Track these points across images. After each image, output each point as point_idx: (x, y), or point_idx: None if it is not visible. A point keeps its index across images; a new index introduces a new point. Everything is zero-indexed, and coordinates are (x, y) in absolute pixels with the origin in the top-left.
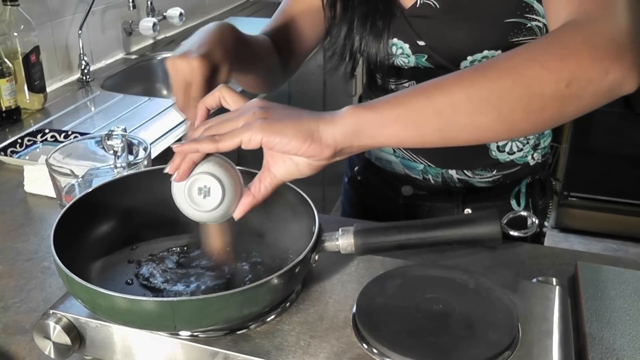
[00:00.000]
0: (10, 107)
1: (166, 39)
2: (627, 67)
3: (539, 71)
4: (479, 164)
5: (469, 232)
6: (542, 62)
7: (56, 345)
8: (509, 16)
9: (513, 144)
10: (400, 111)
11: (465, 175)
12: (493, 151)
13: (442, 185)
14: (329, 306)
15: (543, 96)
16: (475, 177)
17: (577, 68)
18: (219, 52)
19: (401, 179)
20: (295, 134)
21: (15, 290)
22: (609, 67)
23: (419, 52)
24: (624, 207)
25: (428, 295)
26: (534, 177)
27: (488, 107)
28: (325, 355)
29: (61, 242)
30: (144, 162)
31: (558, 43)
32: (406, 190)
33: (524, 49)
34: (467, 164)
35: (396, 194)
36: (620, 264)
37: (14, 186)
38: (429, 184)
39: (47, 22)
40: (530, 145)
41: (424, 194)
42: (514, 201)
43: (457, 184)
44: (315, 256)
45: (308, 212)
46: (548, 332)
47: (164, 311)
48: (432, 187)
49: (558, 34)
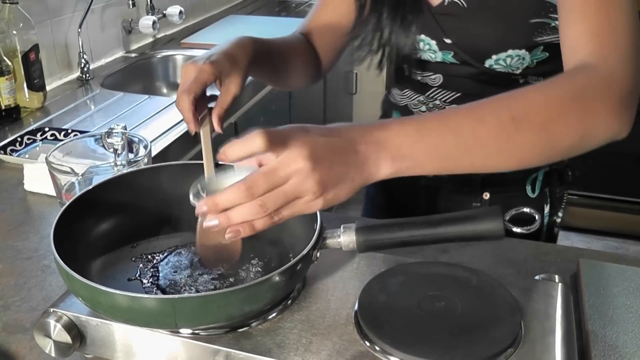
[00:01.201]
0: (10, 106)
1: (166, 37)
2: (626, 122)
3: (563, 129)
4: None
5: (471, 229)
6: (567, 120)
7: (57, 344)
8: (533, 16)
9: None
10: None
11: None
12: None
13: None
14: (330, 303)
15: (559, 149)
16: None
17: (592, 126)
18: (229, 63)
19: None
20: (347, 196)
21: (16, 288)
22: (613, 124)
23: (446, 49)
24: (625, 205)
25: (430, 292)
26: (551, 167)
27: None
28: (327, 353)
29: (61, 240)
30: (144, 159)
31: (582, 96)
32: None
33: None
34: None
35: (418, 179)
36: (623, 262)
37: (13, 185)
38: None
39: (46, 20)
40: None
41: (444, 177)
42: (529, 187)
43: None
44: (317, 253)
45: None
46: (551, 330)
47: (164, 309)
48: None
49: (581, 83)
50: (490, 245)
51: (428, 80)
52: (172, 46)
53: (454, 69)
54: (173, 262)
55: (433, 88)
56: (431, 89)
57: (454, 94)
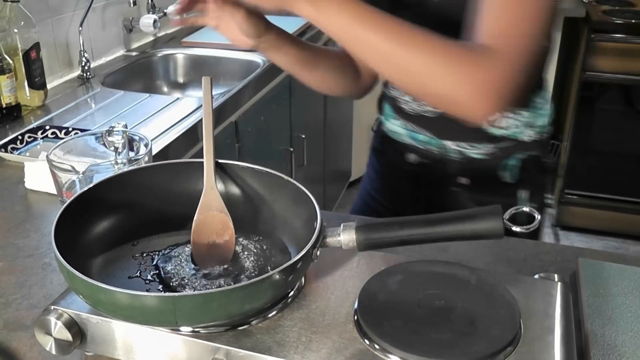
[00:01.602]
0: (11, 104)
1: (167, 35)
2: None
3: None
4: (474, 137)
5: (471, 227)
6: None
7: (57, 341)
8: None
9: (506, 120)
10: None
11: (462, 147)
12: (487, 127)
13: (442, 155)
14: (330, 302)
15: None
16: (471, 149)
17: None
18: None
19: (409, 148)
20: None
21: (16, 286)
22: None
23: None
24: (625, 205)
25: (430, 291)
26: (530, 154)
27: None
28: (326, 351)
29: (62, 237)
30: (145, 158)
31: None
32: (411, 158)
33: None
34: (461, 136)
35: (404, 162)
36: (622, 261)
37: (14, 183)
38: (431, 153)
39: (47, 18)
40: (523, 124)
41: (427, 162)
42: (507, 174)
43: (455, 155)
44: (317, 252)
45: (310, 207)
46: (550, 329)
47: (165, 306)
48: (434, 156)
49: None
50: (489, 244)
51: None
52: (172, 45)
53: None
54: (174, 260)
55: None
56: None
57: None
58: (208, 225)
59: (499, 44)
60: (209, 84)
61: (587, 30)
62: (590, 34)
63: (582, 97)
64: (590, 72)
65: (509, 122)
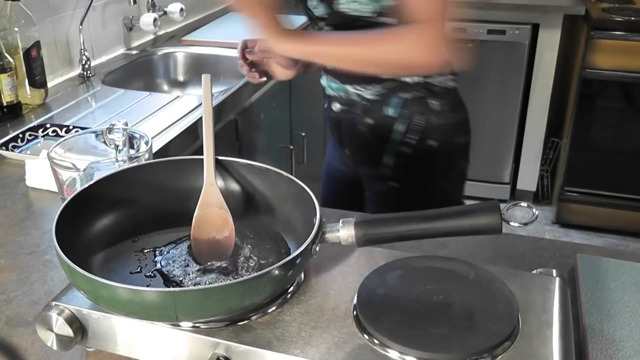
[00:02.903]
0: (12, 102)
1: (167, 34)
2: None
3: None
4: (366, 80)
5: (469, 223)
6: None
7: (58, 337)
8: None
9: None
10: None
11: (359, 90)
12: None
13: (349, 100)
14: (330, 297)
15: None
16: (364, 90)
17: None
18: None
19: (332, 98)
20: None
21: (18, 283)
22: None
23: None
24: (625, 202)
25: (429, 286)
26: (414, 94)
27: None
28: (326, 346)
29: (63, 234)
30: (145, 155)
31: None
32: (335, 107)
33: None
34: (355, 80)
35: (331, 111)
36: (620, 257)
37: (15, 180)
38: (343, 99)
39: (47, 17)
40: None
41: (345, 108)
42: (391, 110)
43: (356, 98)
44: (316, 247)
45: (309, 203)
46: (548, 323)
47: (165, 302)
48: (345, 101)
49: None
50: (488, 239)
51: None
52: (172, 43)
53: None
54: (174, 256)
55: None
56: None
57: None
58: (208, 222)
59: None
60: (209, 82)
61: (586, 27)
62: (590, 31)
63: (582, 95)
64: (589, 69)
65: None
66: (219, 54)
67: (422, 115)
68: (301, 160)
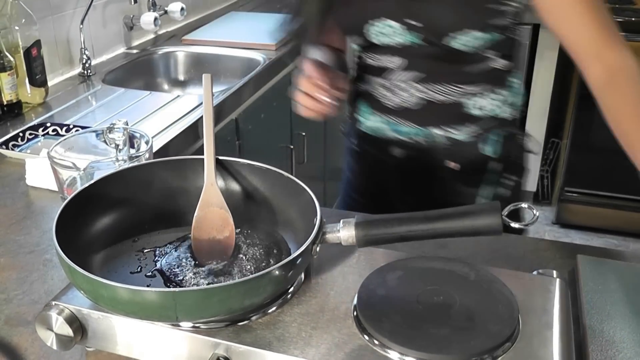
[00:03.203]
0: (12, 101)
1: (167, 33)
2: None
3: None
4: (461, 121)
5: (470, 224)
6: None
7: (58, 337)
8: (489, 2)
9: (488, 101)
10: None
11: (449, 132)
12: (471, 109)
13: (429, 144)
14: (330, 298)
15: None
16: (458, 132)
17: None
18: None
19: (393, 142)
20: None
21: (18, 282)
22: None
23: (413, 30)
24: (625, 203)
25: (429, 287)
26: (509, 131)
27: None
28: (326, 347)
29: (63, 234)
30: (146, 155)
31: None
32: (398, 152)
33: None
34: (450, 122)
35: (389, 157)
36: (621, 258)
37: (15, 179)
38: (417, 144)
39: (48, 16)
40: (507, 103)
41: (414, 154)
42: (490, 148)
43: (442, 141)
44: (317, 248)
45: (309, 204)
46: (548, 324)
47: (165, 302)
48: (420, 146)
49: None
50: (488, 240)
51: (388, 64)
52: (173, 43)
53: (415, 50)
54: (174, 256)
55: (394, 71)
56: (393, 72)
57: (417, 74)
58: (208, 222)
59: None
60: (210, 81)
61: None
62: None
63: (582, 95)
64: None
65: (490, 102)
66: (220, 54)
67: (519, 152)
68: (301, 160)
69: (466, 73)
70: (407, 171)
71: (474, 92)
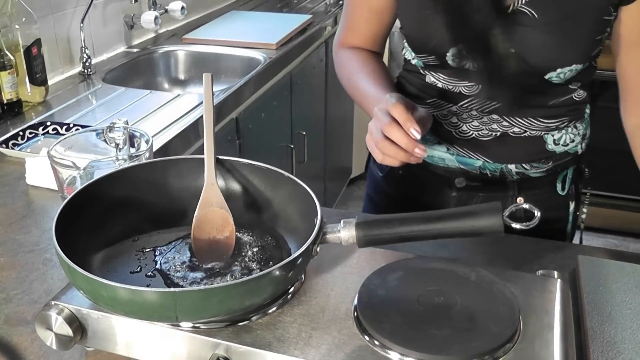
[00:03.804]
0: (12, 100)
1: (168, 32)
2: None
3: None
4: (537, 157)
5: (471, 224)
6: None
7: (58, 336)
8: (598, 33)
9: (567, 136)
10: None
11: (523, 169)
12: (549, 145)
13: (499, 177)
14: (330, 298)
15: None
16: (532, 169)
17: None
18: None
19: (455, 172)
20: None
21: (17, 281)
22: None
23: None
24: (625, 203)
25: (430, 287)
26: (579, 165)
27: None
28: (326, 347)
29: (63, 233)
30: (146, 154)
31: None
32: (459, 182)
33: None
34: (525, 158)
35: (447, 186)
36: (622, 258)
37: (15, 178)
38: (486, 177)
39: (48, 14)
40: (580, 136)
41: (477, 184)
42: (559, 185)
43: (514, 177)
44: (317, 248)
45: (310, 204)
46: (549, 325)
47: (165, 302)
48: (487, 178)
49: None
50: (489, 241)
51: (462, 89)
52: (173, 42)
53: (503, 79)
54: (174, 256)
55: (468, 97)
56: (466, 98)
57: (494, 104)
58: (209, 221)
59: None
60: (210, 80)
61: None
62: None
63: None
64: None
65: (570, 137)
66: (220, 53)
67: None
68: (302, 159)
69: (550, 106)
70: (465, 203)
71: (555, 126)
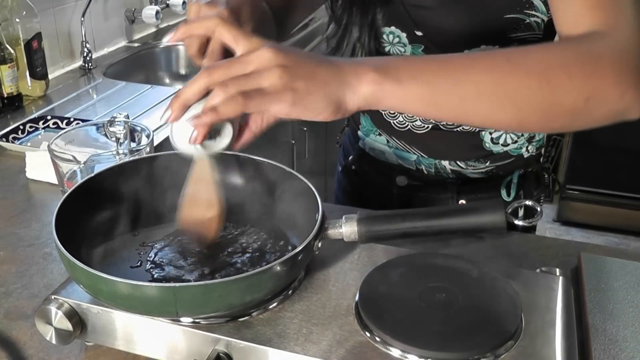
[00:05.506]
0: (12, 94)
1: (169, 27)
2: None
3: (565, 81)
4: (472, 155)
5: (473, 221)
6: (570, 73)
7: (57, 331)
8: (508, 12)
9: (507, 136)
10: (425, 91)
11: (458, 166)
12: (487, 143)
13: (436, 176)
14: (331, 294)
15: (561, 106)
16: (468, 168)
17: (599, 86)
18: (247, 10)
19: (395, 169)
20: (324, 108)
21: (17, 275)
22: (625, 91)
23: (416, 42)
24: (626, 201)
25: (431, 284)
26: (526, 169)
27: (509, 105)
28: (327, 343)
29: (63, 227)
30: (147, 148)
31: (588, 56)
32: (400, 181)
33: (554, 51)
34: (460, 155)
35: (390, 184)
36: (624, 256)
37: (15, 172)
38: (423, 174)
39: (49, 8)
40: (525, 138)
41: (418, 184)
42: (504, 191)
43: (450, 175)
44: (318, 244)
45: (311, 199)
46: (551, 322)
47: (166, 297)
48: (426, 177)
49: (587, 45)
50: (491, 237)
51: None
52: None
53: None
54: (175, 250)
55: None
56: None
57: None
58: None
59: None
60: None
61: None
62: None
63: None
64: None
65: (511, 137)
66: None
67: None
68: (303, 155)
69: None
70: (410, 203)
71: None
